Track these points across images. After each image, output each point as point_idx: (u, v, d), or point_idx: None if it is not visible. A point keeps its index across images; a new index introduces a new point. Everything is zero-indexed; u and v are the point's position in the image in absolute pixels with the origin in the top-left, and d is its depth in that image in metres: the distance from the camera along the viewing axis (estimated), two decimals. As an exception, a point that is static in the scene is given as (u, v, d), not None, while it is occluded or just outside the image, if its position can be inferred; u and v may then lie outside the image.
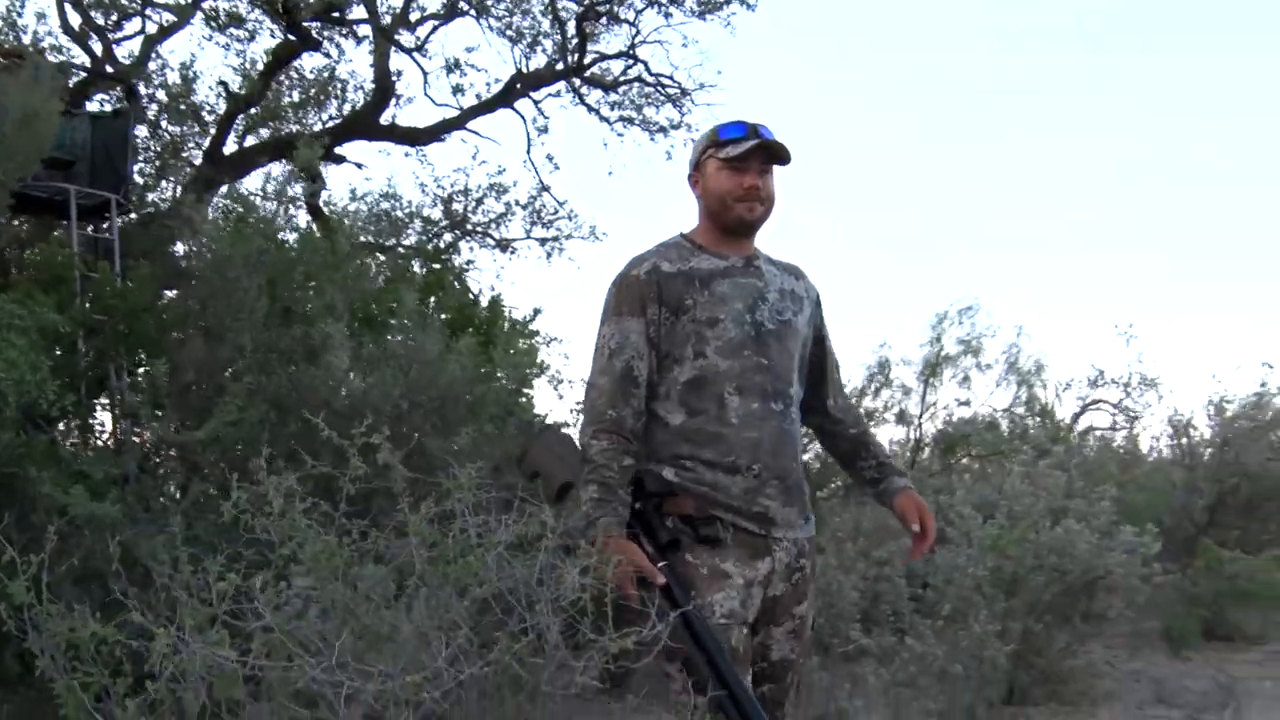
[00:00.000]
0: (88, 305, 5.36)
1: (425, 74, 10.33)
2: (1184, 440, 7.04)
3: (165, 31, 10.50)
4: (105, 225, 7.44)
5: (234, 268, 4.95)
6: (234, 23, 10.53)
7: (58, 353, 4.47)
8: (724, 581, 2.12)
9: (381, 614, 1.93)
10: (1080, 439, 9.88)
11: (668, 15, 9.88)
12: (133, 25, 10.39)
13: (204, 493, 3.99)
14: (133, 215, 8.16)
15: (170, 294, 6.67)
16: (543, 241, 12.05)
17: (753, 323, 2.22)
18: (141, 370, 4.95)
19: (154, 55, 10.48)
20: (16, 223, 7.95)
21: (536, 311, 8.14)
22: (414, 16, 10.63)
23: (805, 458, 2.46)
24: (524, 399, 6.44)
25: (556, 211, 11.92)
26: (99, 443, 4.31)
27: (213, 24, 10.60)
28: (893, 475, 2.38)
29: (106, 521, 3.63)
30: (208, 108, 10.78)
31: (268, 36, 10.22)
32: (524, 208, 11.92)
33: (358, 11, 10.26)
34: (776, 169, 2.30)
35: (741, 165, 2.24)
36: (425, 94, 10.34)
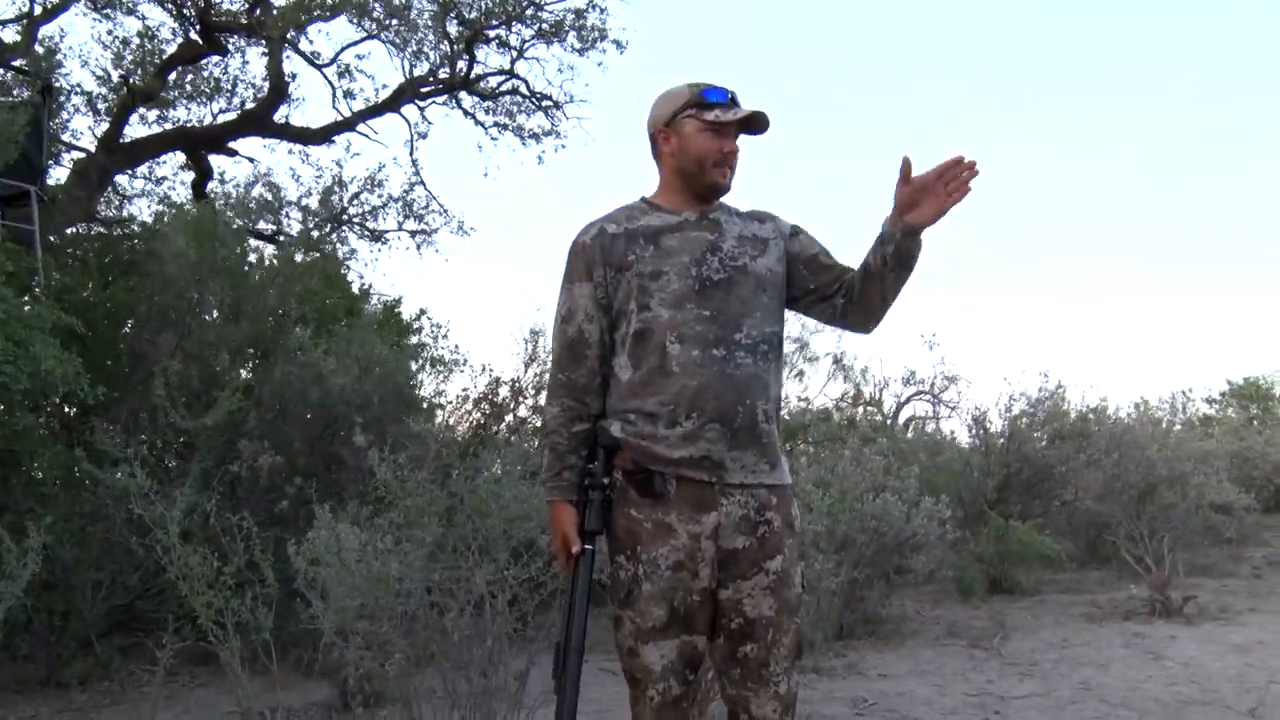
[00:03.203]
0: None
1: (330, 83, 10.86)
2: (981, 431, 8.58)
3: (48, 13, 10.79)
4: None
5: (199, 275, 5.72)
6: (112, 5, 10.89)
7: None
8: (667, 536, 2.16)
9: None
10: (902, 428, 11.56)
11: (548, 44, 10.84)
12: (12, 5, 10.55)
13: (202, 469, 4.82)
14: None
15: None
16: (413, 234, 12.98)
17: (697, 275, 2.22)
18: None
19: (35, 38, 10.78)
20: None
21: (422, 312, 9.07)
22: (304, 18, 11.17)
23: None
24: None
25: (428, 205, 12.83)
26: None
27: (92, 5, 10.93)
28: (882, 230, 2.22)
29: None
30: (100, 96, 11.18)
31: (167, 33, 10.69)
32: (397, 201, 12.79)
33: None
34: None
35: (723, 130, 2.27)
36: (334, 106, 10.88)
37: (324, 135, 11.58)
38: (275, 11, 9.53)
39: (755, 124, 2.30)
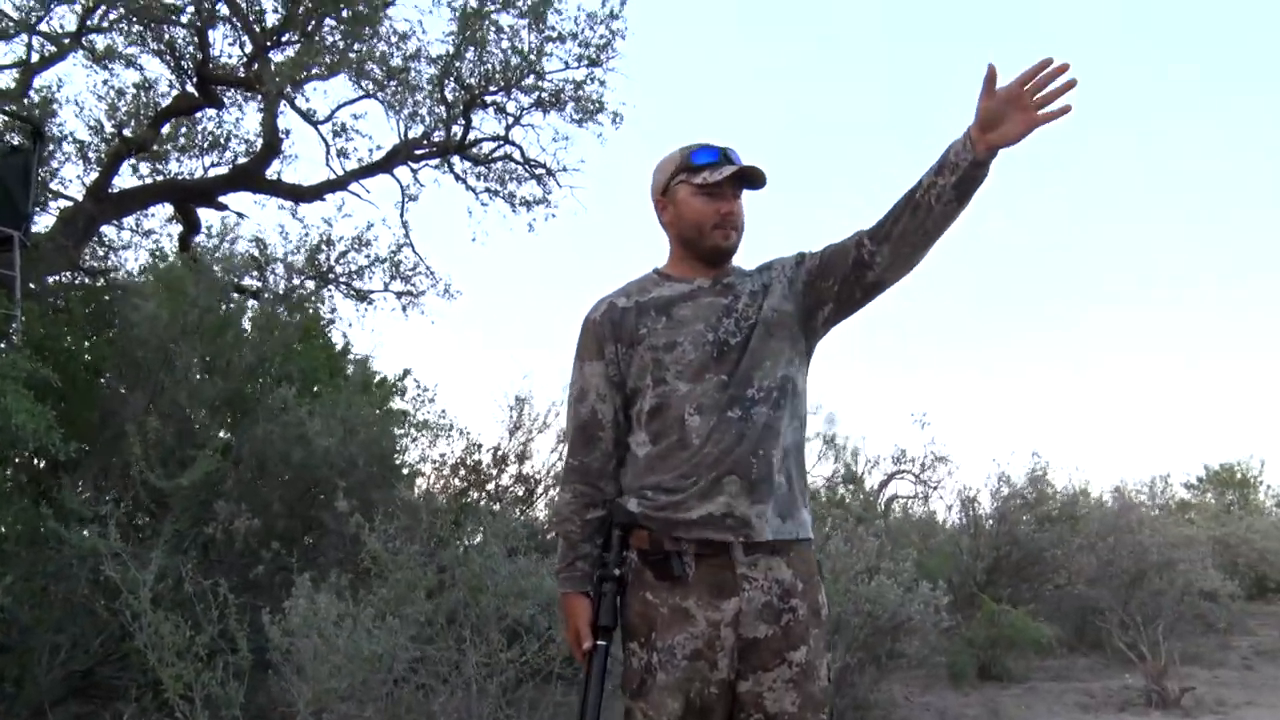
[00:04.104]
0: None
1: (325, 141, 10.82)
2: (970, 512, 8.46)
3: (45, 61, 10.72)
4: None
5: (172, 333, 5.54)
6: (110, 57, 10.83)
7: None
8: (685, 623, 2.03)
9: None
10: (886, 506, 11.41)
11: (545, 113, 10.86)
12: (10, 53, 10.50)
13: (175, 531, 4.63)
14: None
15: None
16: (399, 295, 12.85)
17: (715, 341, 2.12)
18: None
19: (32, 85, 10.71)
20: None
21: (406, 373, 8.84)
22: (301, 75, 11.16)
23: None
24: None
25: (415, 267, 12.72)
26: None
27: (90, 57, 10.89)
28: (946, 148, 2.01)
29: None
30: (91, 145, 11.09)
31: (164, 85, 10.64)
32: (384, 262, 12.69)
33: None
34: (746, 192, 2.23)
35: (717, 191, 2.17)
36: (327, 164, 10.85)
37: (316, 193, 11.50)
38: (273, 67, 9.50)
39: (752, 179, 2.20)
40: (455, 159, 11.87)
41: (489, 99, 10.84)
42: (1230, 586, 9.97)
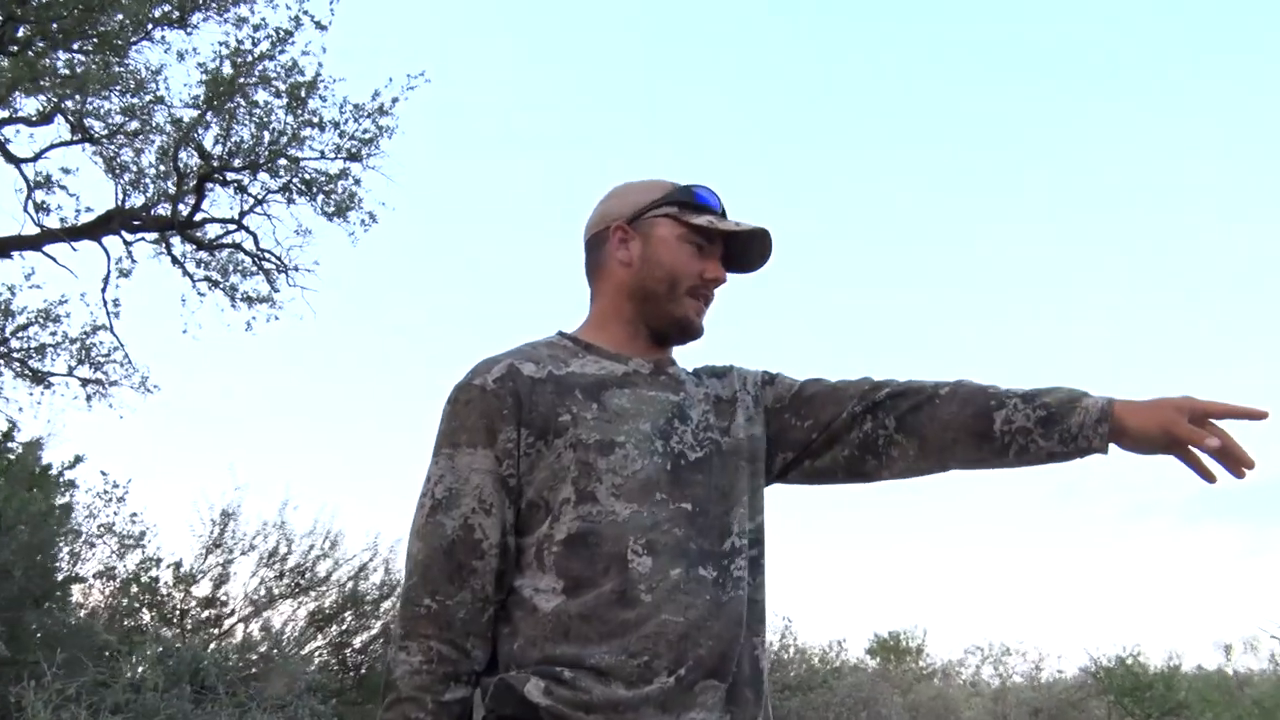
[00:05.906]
0: None
1: (26, 182, 9.36)
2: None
3: None
4: None
5: None
6: None
7: None
8: None
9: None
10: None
11: (291, 201, 9.95)
12: None
13: None
14: None
15: None
16: (85, 382, 11.26)
17: (666, 452, 1.48)
18: None
19: None
20: None
21: (78, 458, 7.40)
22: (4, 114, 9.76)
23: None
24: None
25: (110, 354, 11.21)
26: None
27: None
28: (1071, 398, 1.50)
29: None
30: None
31: None
32: (74, 343, 11.12)
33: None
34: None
35: (708, 248, 1.61)
36: (25, 210, 9.36)
37: (2, 248, 9.96)
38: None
39: (748, 255, 1.64)
40: (176, 238, 10.67)
41: (230, 176, 9.85)
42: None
